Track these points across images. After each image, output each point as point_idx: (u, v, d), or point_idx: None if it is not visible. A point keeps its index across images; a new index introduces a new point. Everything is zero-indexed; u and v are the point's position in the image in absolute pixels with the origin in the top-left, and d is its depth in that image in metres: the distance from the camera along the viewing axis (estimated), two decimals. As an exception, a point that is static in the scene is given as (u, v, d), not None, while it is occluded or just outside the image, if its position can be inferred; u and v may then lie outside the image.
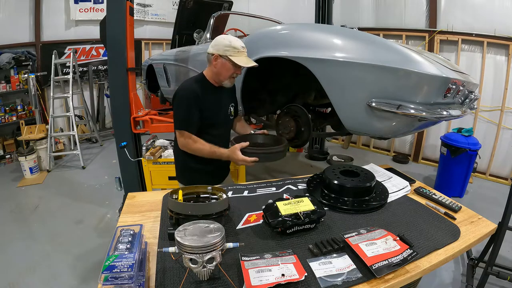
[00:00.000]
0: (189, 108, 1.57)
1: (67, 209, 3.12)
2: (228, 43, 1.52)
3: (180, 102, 1.59)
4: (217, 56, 1.55)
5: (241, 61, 1.53)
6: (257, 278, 0.82)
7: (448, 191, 3.22)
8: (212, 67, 1.60)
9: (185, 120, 1.59)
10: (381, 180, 1.48)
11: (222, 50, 1.53)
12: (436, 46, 4.02)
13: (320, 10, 4.21)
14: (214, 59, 1.56)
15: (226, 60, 1.54)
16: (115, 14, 2.40)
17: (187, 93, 1.58)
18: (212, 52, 1.56)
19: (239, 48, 1.54)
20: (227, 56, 1.53)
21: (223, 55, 1.53)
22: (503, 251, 2.16)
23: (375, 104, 1.42)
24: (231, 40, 1.53)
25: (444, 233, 1.10)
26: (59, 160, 4.50)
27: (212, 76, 1.64)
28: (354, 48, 1.52)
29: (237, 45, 1.53)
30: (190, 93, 1.58)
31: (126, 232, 0.89)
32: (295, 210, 1.07)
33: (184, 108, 1.58)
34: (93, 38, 5.20)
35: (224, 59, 1.54)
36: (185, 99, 1.57)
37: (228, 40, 1.53)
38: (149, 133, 2.90)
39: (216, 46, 1.54)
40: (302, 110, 1.77)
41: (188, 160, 1.71)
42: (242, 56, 1.56)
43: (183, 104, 1.58)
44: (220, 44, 1.53)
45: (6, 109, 4.46)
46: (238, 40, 1.57)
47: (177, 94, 1.61)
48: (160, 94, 3.88)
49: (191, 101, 1.57)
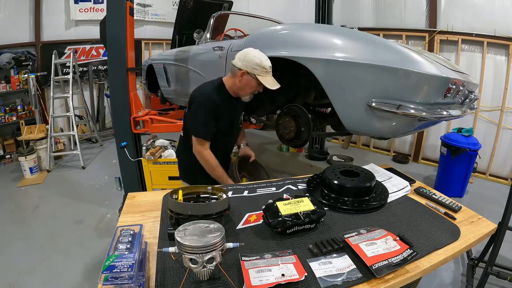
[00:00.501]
0: (206, 116, 1.59)
1: (67, 209, 3.12)
2: (258, 62, 1.51)
3: (198, 108, 1.60)
4: (244, 72, 1.54)
5: (267, 83, 1.54)
6: (257, 278, 0.82)
7: (448, 191, 3.22)
8: (236, 81, 1.59)
9: (204, 128, 1.62)
10: (381, 180, 1.48)
11: (251, 67, 1.52)
12: (436, 46, 4.02)
13: (320, 10, 4.21)
14: (241, 74, 1.55)
15: (253, 78, 1.54)
16: (115, 14, 2.40)
17: (206, 100, 1.59)
18: (240, 67, 1.54)
19: (267, 68, 1.54)
20: (254, 74, 1.52)
21: (251, 72, 1.53)
22: (503, 251, 2.16)
23: (375, 104, 1.42)
24: (261, 60, 1.52)
25: (444, 233, 1.10)
26: (59, 160, 4.50)
27: (233, 88, 1.64)
28: (354, 48, 1.52)
29: (266, 65, 1.53)
30: (209, 101, 1.58)
31: (126, 232, 0.89)
32: (295, 210, 1.07)
33: (202, 115, 1.59)
34: (93, 38, 5.20)
35: (251, 77, 1.54)
36: (203, 106, 1.58)
37: (258, 58, 1.52)
38: (149, 133, 2.91)
39: (245, 63, 1.53)
40: (302, 110, 1.77)
41: (192, 161, 1.73)
42: (268, 76, 1.56)
43: (201, 110, 1.59)
44: (250, 62, 1.52)
45: (6, 109, 4.45)
46: (267, 59, 1.56)
47: (195, 99, 1.62)
48: (160, 94, 3.88)
49: (209, 109, 1.58)
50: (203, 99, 1.60)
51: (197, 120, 1.62)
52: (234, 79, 1.60)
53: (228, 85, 1.65)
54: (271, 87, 1.55)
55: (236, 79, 1.59)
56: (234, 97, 1.68)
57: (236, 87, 1.62)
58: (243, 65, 1.53)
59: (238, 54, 1.57)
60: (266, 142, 5.35)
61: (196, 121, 1.63)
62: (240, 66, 1.54)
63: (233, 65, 1.58)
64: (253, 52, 1.55)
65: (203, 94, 1.62)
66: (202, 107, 1.59)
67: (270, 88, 1.55)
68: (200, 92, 1.64)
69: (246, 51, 1.55)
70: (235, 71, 1.57)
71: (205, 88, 1.67)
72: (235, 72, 1.58)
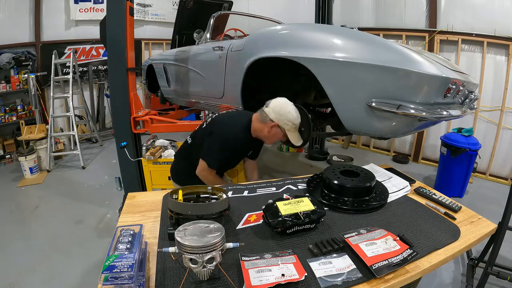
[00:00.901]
0: (225, 152, 1.64)
1: (67, 209, 3.12)
2: (292, 119, 1.56)
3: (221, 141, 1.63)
4: (276, 125, 1.58)
5: (293, 139, 1.60)
6: (257, 278, 0.82)
7: (448, 191, 3.22)
8: (265, 130, 1.62)
9: (218, 160, 1.66)
10: (381, 180, 1.48)
11: (283, 122, 1.57)
12: (436, 46, 4.02)
13: (320, 10, 4.20)
14: (271, 126, 1.59)
15: (282, 131, 1.59)
16: (115, 14, 2.40)
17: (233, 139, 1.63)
18: (272, 118, 1.57)
19: (297, 125, 1.59)
20: (285, 129, 1.58)
21: (282, 127, 1.57)
22: (503, 251, 2.16)
23: (375, 104, 1.42)
24: (295, 117, 1.57)
25: (444, 233, 1.10)
26: (59, 160, 4.50)
27: (258, 133, 1.68)
28: (354, 48, 1.52)
29: (298, 123, 1.59)
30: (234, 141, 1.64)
31: (126, 232, 0.89)
32: (295, 210, 1.07)
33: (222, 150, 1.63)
34: (93, 38, 5.19)
35: (280, 130, 1.59)
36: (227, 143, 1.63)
37: (292, 116, 1.57)
38: (149, 133, 2.90)
39: (279, 116, 1.56)
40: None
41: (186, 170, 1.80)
42: (296, 132, 1.62)
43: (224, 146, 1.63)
44: (284, 117, 1.56)
45: (6, 109, 4.45)
46: (299, 116, 1.61)
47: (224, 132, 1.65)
48: (160, 94, 3.88)
49: (230, 147, 1.64)
50: (230, 136, 1.63)
51: (214, 150, 1.66)
52: (263, 127, 1.63)
53: (254, 127, 1.68)
54: (296, 144, 1.63)
55: (265, 128, 1.62)
56: (254, 137, 1.72)
57: (263, 135, 1.66)
58: (276, 118, 1.56)
59: (273, 105, 1.59)
60: (266, 142, 5.34)
61: (213, 150, 1.66)
62: (273, 118, 1.57)
63: (265, 114, 1.60)
64: (289, 107, 1.58)
65: (232, 131, 1.65)
66: (226, 144, 1.63)
67: (295, 144, 1.62)
68: (230, 129, 1.66)
69: (283, 104, 1.59)
70: (266, 120, 1.60)
71: (236, 126, 1.68)
72: (266, 121, 1.60)
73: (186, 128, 2.80)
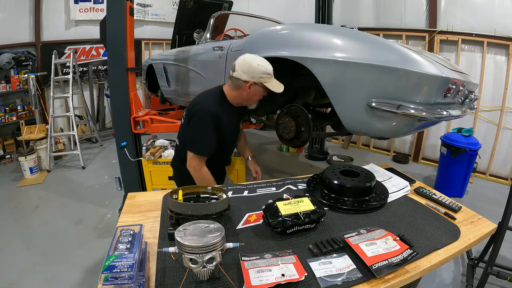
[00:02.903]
0: (208, 131, 1.52)
1: (67, 209, 3.12)
2: (264, 70, 1.47)
3: (200, 123, 1.53)
4: (252, 83, 1.49)
5: (274, 87, 1.51)
6: (257, 278, 0.82)
7: (448, 191, 3.22)
8: (243, 94, 1.53)
9: (204, 145, 1.55)
10: (381, 180, 1.48)
11: (257, 77, 1.48)
12: (436, 46, 4.02)
13: (320, 10, 4.21)
14: (248, 86, 1.49)
15: (261, 86, 1.50)
16: (115, 14, 2.40)
17: (209, 115, 1.51)
18: (246, 79, 1.48)
19: (271, 72, 1.50)
20: (262, 83, 1.48)
21: (258, 82, 1.48)
22: (503, 251, 2.16)
23: (375, 104, 1.42)
24: (265, 67, 1.48)
25: (444, 233, 1.10)
26: (59, 160, 4.50)
27: (237, 100, 1.59)
28: (354, 48, 1.52)
29: (271, 70, 1.50)
30: (211, 117, 1.51)
31: (126, 232, 0.89)
32: (295, 210, 1.07)
33: (205, 131, 1.53)
34: (93, 38, 5.19)
35: (258, 86, 1.50)
36: (205, 122, 1.52)
37: (263, 66, 1.48)
38: (149, 133, 2.90)
39: (251, 74, 1.47)
40: (302, 110, 1.77)
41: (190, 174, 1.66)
42: (273, 79, 1.53)
43: (204, 127, 1.52)
44: (256, 72, 1.47)
45: (6, 109, 4.45)
46: (268, 63, 1.51)
47: (197, 112, 1.54)
48: (160, 94, 3.88)
49: (213, 125, 1.52)
50: (205, 114, 1.52)
51: (198, 135, 1.55)
52: (240, 92, 1.54)
53: (231, 97, 1.59)
54: (278, 90, 1.52)
55: (242, 92, 1.53)
56: (236, 107, 1.63)
57: (243, 99, 1.57)
58: (250, 77, 1.48)
59: (239, 66, 1.49)
60: (266, 142, 5.35)
61: (196, 136, 1.55)
62: (246, 78, 1.48)
63: (235, 78, 1.51)
64: (255, 60, 1.49)
65: (205, 108, 1.53)
66: (204, 122, 1.52)
67: (278, 92, 1.52)
68: (202, 106, 1.55)
69: (248, 61, 1.49)
70: (239, 84, 1.51)
71: (207, 101, 1.58)
72: (240, 85, 1.51)
73: (186, 128, 2.80)
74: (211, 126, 1.52)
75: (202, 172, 1.59)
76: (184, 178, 1.66)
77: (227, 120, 1.57)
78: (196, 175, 1.60)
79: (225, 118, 1.56)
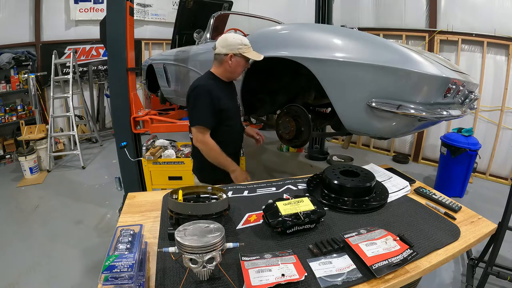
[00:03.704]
0: (206, 104, 1.63)
1: (67, 209, 3.12)
2: (240, 42, 1.61)
3: (197, 98, 1.64)
4: (231, 55, 1.62)
5: (254, 56, 1.64)
6: (257, 278, 0.82)
7: (448, 191, 3.22)
8: (226, 66, 1.66)
9: (204, 115, 1.64)
10: (381, 180, 1.48)
11: (235, 49, 1.61)
12: (436, 46, 4.02)
13: (320, 10, 4.21)
14: (229, 58, 1.63)
15: (240, 57, 1.63)
16: (115, 14, 2.40)
17: (204, 89, 1.64)
18: (225, 52, 1.62)
19: (248, 44, 1.63)
20: (240, 54, 1.61)
21: (237, 53, 1.61)
22: (503, 251, 2.16)
23: (375, 104, 1.42)
24: (241, 39, 1.62)
25: (444, 233, 1.10)
26: (59, 160, 4.50)
27: (225, 74, 1.71)
28: (354, 48, 1.52)
29: (247, 42, 1.63)
30: (206, 89, 1.64)
31: (126, 232, 0.89)
32: (295, 210, 1.07)
33: (202, 104, 1.63)
34: (93, 38, 5.19)
35: (238, 57, 1.63)
36: (203, 96, 1.63)
37: (238, 38, 1.62)
38: (149, 133, 2.90)
39: (229, 47, 1.61)
40: (302, 110, 1.77)
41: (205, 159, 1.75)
42: (251, 50, 1.65)
43: (200, 100, 1.63)
44: (233, 44, 1.61)
45: (6, 109, 4.45)
46: (244, 37, 1.66)
47: (192, 91, 1.66)
48: (160, 94, 3.88)
49: (208, 97, 1.62)
50: (198, 89, 1.64)
51: (195, 109, 1.65)
52: (224, 66, 1.67)
53: (219, 73, 1.71)
54: (258, 59, 1.64)
55: (225, 65, 1.66)
56: (227, 82, 1.75)
57: (228, 72, 1.69)
58: (228, 50, 1.61)
59: (218, 43, 1.64)
60: (266, 142, 5.30)
61: (194, 110, 1.66)
62: (226, 51, 1.61)
63: (217, 54, 1.65)
64: (231, 35, 1.65)
65: (197, 85, 1.66)
66: (201, 96, 1.63)
67: (258, 59, 1.64)
68: (193, 86, 1.68)
69: (224, 37, 1.65)
70: (221, 58, 1.64)
71: (200, 80, 1.72)
72: (222, 59, 1.65)
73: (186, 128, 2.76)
74: (206, 99, 1.62)
75: (209, 144, 1.67)
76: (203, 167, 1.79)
77: (221, 93, 1.68)
78: (204, 148, 1.68)
79: (218, 91, 1.66)
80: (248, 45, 1.63)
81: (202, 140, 1.67)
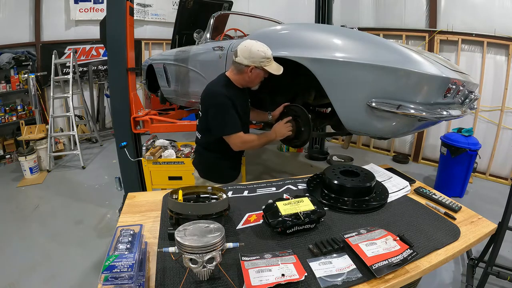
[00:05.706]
0: (231, 111, 1.63)
1: (67, 209, 3.12)
2: (263, 55, 1.56)
3: (220, 109, 1.63)
4: (253, 67, 1.59)
5: (274, 70, 1.60)
6: (257, 278, 0.82)
7: (448, 191, 3.22)
8: (245, 77, 1.64)
9: (234, 123, 1.65)
10: (381, 180, 1.48)
11: (258, 62, 1.57)
12: (436, 46, 4.02)
13: (320, 10, 4.20)
14: (250, 70, 1.60)
15: (261, 70, 1.60)
16: (115, 14, 2.40)
17: (224, 99, 1.62)
18: (247, 64, 1.58)
19: (271, 57, 1.60)
20: (262, 67, 1.58)
21: (259, 66, 1.58)
22: (503, 251, 2.16)
23: (375, 104, 1.42)
24: (265, 52, 1.57)
25: (444, 233, 1.10)
26: (59, 160, 4.50)
27: (241, 82, 1.69)
28: (354, 48, 1.52)
29: (270, 55, 1.59)
30: (227, 99, 1.63)
31: (126, 232, 0.89)
32: (295, 210, 1.07)
33: (227, 113, 1.63)
34: (93, 38, 5.19)
35: (259, 70, 1.60)
36: (224, 106, 1.62)
37: (262, 51, 1.57)
38: (149, 133, 2.90)
39: (252, 59, 1.57)
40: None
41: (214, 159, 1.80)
42: (273, 63, 1.62)
43: (225, 109, 1.63)
44: (256, 57, 1.56)
45: (6, 109, 4.45)
46: (268, 48, 1.60)
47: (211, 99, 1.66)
48: (160, 94, 3.88)
49: (229, 105, 1.62)
50: (219, 98, 1.63)
51: (223, 118, 1.64)
52: (243, 76, 1.65)
53: (235, 80, 1.70)
54: (277, 73, 1.61)
55: (244, 76, 1.64)
56: (241, 88, 1.74)
57: (246, 82, 1.68)
58: (250, 62, 1.57)
59: (241, 52, 1.59)
60: (266, 142, 5.34)
61: (224, 121, 1.65)
62: (247, 63, 1.58)
63: (238, 64, 1.61)
64: (255, 46, 1.59)
65: (219, 95, 1.64)
66: (223, 105, 1.62)
67: (277, 73, 1.61)
68: (214, 94, 1.66)
69: (248, 47, 1.59)
70: (242, 68, 1.61)
71: (217, 88, 1.69)
72: (241, 69, 1.62)
73: (186, 128, 2.80)
74: (229, 105, 1.63)
75: (248, 140, 1.70)
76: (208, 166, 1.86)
77: (237, 100, 1.68)
78: (247, 146, 1.74)
79: (235, 98, 1.66)
80: (270, 58, 1.59)
81: (241, 142, 1.68)
